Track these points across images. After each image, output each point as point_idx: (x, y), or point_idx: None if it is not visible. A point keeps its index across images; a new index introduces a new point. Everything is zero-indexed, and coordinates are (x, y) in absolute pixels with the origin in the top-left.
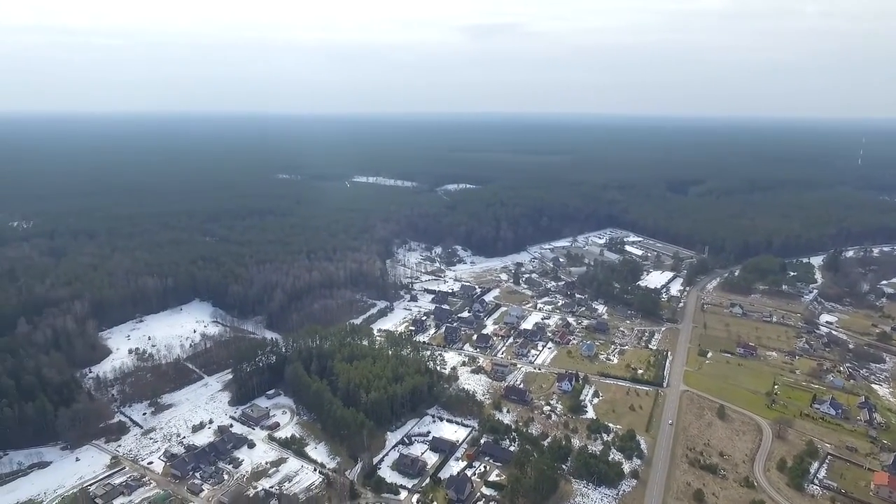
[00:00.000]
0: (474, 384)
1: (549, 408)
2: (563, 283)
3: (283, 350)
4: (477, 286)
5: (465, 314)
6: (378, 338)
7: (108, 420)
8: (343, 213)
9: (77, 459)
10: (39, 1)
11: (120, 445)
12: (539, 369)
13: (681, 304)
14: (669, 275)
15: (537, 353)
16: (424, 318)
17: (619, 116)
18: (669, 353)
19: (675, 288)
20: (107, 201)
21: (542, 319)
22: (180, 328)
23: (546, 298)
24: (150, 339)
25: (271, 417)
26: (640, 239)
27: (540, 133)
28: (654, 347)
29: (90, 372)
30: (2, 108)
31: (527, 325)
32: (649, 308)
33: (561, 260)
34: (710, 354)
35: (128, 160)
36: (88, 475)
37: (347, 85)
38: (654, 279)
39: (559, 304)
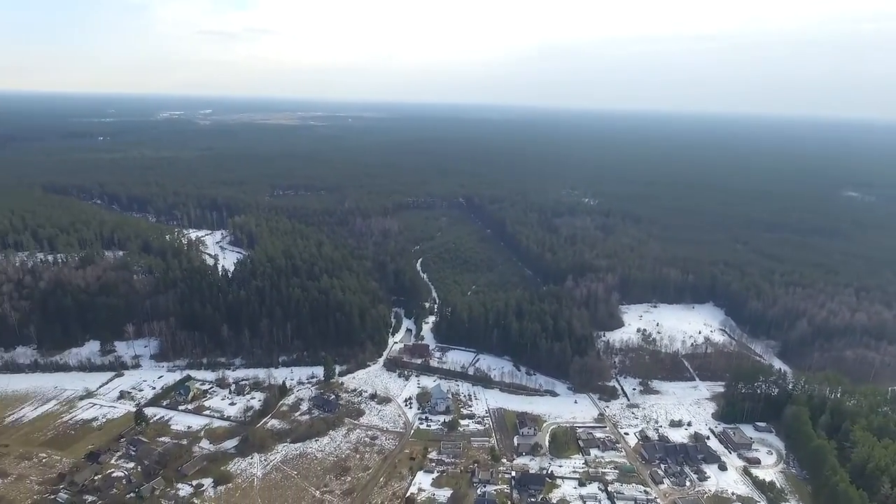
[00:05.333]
0: None
1: None
2: None
3: (789, 386)
4: None
5: None
6: None
7: (605, 381)
8: None
9: (575, 402)
10: (642, 15)
11: (608, 406)
12: None
13: None
14: None
15: None
16: None
17: None
18: None
19: None
20: (658, 192)
21: None
22: (687, 325)
23: None
24: (657, 325)
25: (753, 451)
26: None
27: None
28: None
29: (603, 336)
30: (614, 108)
31: None
32: None
33: None
34: None
35: (691, 157)
36: (579, 418)
37: None
38: None
39: None
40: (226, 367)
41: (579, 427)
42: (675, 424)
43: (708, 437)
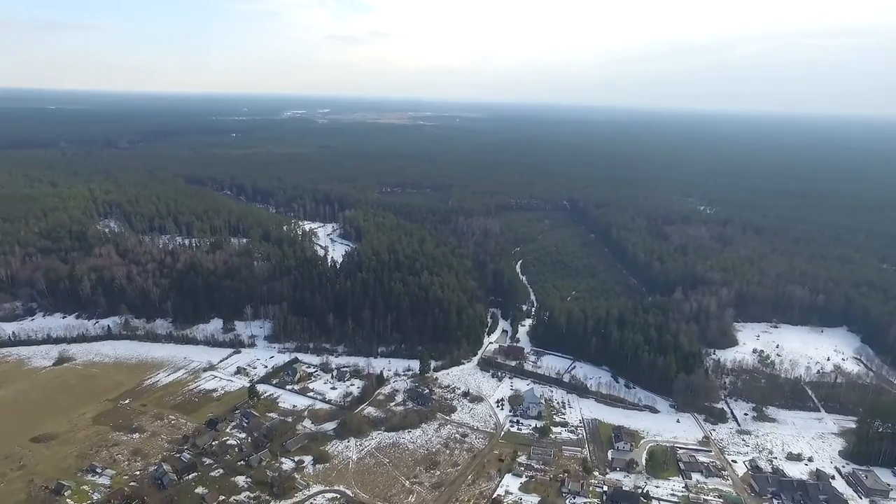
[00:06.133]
0: None
1: None
2: None
3: None
4: None
5: None
6: None
7: (712, 402)
8: None
9: (677, 421)
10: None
11: (714, 430)
12: None
13: None
14: None
15: None
16: None
17: None
18: None
19: None
20: (784, 202)
21: None
22: (813, 350)
23: None
24: (777, 347)
25: (890, 499)
26: None
27: None
28: None
29: (713, 353)
30: (731, 109)
31: None
32: None
33: None
34: None
35: (825, 162)
36: (681, 438)
37: None
38: None
39: None
40: (329, 353)
41: (680, 448)
42: (793, 458)
43: (833, 477)
